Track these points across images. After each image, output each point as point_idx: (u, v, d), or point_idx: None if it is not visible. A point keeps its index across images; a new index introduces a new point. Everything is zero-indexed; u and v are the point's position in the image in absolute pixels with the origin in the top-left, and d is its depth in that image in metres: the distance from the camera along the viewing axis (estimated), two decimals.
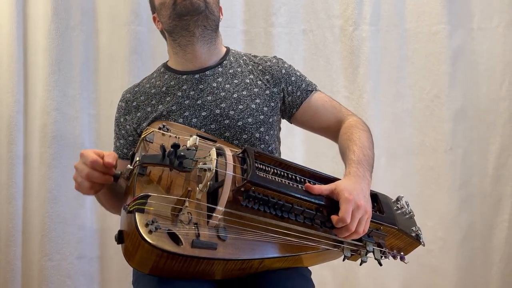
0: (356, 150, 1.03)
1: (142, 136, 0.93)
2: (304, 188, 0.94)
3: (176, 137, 0.98)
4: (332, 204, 0.93)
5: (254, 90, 1.14)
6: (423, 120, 1.79)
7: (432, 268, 1.76)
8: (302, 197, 0.91)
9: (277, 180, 0.95)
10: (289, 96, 1.17)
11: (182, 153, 0.85)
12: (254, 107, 1.11)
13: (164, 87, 1.15)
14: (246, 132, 1.09)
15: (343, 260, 0.99)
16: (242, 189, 0.88)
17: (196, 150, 0.90)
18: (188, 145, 0.92)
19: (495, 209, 1.80)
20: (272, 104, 1.15)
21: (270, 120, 1.13)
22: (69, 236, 1.66)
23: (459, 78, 1.78)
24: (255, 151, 0.96)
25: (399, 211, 1.09)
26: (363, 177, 0.98)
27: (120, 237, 0.83)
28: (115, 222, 1.64)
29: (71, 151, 1.68)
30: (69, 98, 1.69)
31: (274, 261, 0.92)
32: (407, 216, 1.10)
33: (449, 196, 1.76)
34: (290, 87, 1.17)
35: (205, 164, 0.89)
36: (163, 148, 0.85)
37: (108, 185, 0.94)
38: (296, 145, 1.77)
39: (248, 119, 1.10)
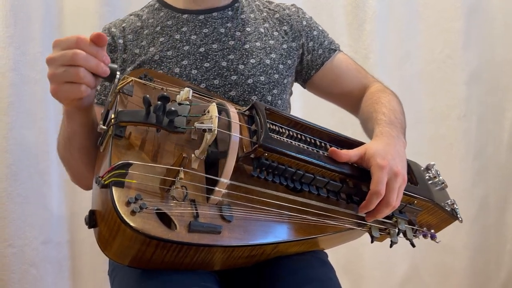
0: (386, 112, 0.87)
1: (119, 87, 0.71)
2: (327, 154, 0.76)
3: (162, 89, 0.77)
4: (362, 173, 0.76)
5: (270, 42, 0.94)
6: (433, 84, 1.65)
7: (442, 247, 1.61)
8: (327, 165, 0.73)
9: (294, 144, 0.75)
10: (309, 54, 0.98)
11: (173, 109, 0.65)
12: (268, 63, 0.92)
13: (159, 27, 0.93)
14: (256, 92, 0.90)
15: (371, 241, 0.84)
16: (252, 155, 0.70)
17: (190, 106, 0.70)
18: (178, 100, 0.72)
19: (510, 181, 1.69)
20: (289, 61, 0.95)
21: (285, 81, 0.94)
22: (33, 218, 1.46)
23: (474, 36, 1.63)
24: (266, 107, 0.76)
25: (431, 182, 0.94)
26: (397, 137, 0.81)
27: (92, 220, 0.64)
28: (87, 200, 1.42)
29: (32, 120, 1.44)
30: (28, 57, 1.45)
31: (291, 245, 0.76)
32: (439, 187, 0.95)
33: (462, 168, 1.64)
34: (311, 43, 0.98)
35: (202, 123, 0.69)
36: (147, 101, 0.64)
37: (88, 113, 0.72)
38: (292, 111, 1.57)
39: (261, 77, 0.90)
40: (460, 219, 0.95)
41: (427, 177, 0.94)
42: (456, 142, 1.64)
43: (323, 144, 0.81)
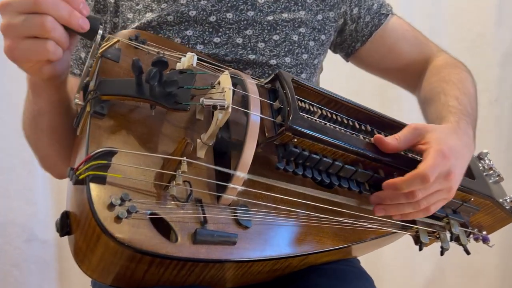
0: (460, 96, 0.73)
1: (101, 50, 0.55)
2: (370, 140, 0.61)
3: (158, 53, 0.61)
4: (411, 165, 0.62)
5: (300, 13, 0.76)
6: None
7: (469, 245, 1.50)
8: (375, 156, 0.59)
9: (329, 127, 0.60)
10: (353, 23, 0.81)
11: (173, 78, 0.50)
12: (296, 39, 0.75)
13: None
14: None
15: (420, 249, 0.72)
16: (277, 141, 0.55)
17: (195, 75, 0.54)
18: (179, 68, 0.56)
19: None
20: (323, 37, 0.78)
21: (315, 61, 0.77)
22: (15, 213, 1.37)
23: (508, 12, 1.50)
24: (294, 79, 0.61)
25: (485, 174, 0.82)
26: (472, 141, 0.68)
27: (65, 225, 0.50)
28: None
29: (13, 103, 1.29)
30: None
31: (323, 256, 0.63)
32: (493, 180, 0.84)
33: (493, 158, 1.45)
34: (356, 9, 0.80)
35: (211, 98, 0.54)
36: (138, 67, 0.49)
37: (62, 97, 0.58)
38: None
39: (286, 58, 0.74)
40: None
41: (480, 168, 0.82)
42: (486, 130, 1.51)
43: (363, 127, 0.66)
